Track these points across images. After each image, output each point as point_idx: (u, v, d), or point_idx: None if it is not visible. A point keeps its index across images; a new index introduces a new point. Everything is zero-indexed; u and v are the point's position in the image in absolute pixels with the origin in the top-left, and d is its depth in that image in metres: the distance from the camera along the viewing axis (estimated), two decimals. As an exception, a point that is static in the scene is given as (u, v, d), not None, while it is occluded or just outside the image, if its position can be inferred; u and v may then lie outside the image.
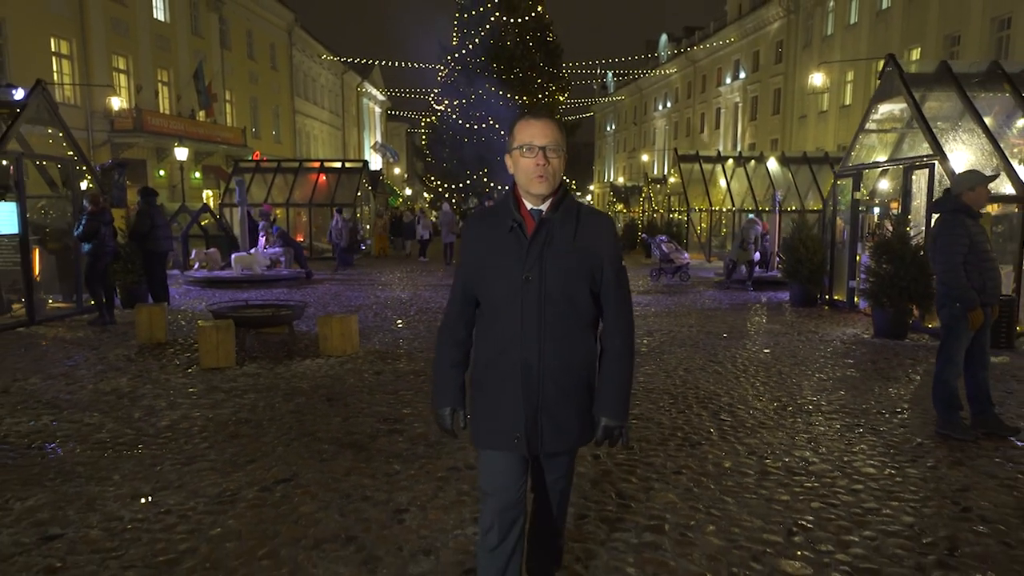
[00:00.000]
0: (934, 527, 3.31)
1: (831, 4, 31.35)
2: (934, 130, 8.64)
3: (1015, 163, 8.21)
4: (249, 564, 2.93)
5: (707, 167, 21.08)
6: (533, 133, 2.08)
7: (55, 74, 21.50)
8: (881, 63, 9.99)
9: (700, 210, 21.04)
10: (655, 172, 44.53)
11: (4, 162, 8.80)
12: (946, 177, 8.13)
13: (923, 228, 8.36)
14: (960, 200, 4.49)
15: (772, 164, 19.98)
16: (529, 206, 2.14)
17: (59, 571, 2.88)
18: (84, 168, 9.76)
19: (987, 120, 8.70)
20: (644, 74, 52.95)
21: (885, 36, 27.32)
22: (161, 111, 25.96)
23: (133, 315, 8.11)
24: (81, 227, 8.43)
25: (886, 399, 5.61)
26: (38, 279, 9.42)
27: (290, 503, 3.53)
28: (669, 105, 50.98)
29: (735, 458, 4.22)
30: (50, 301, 9.84)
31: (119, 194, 12.13)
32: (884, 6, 27.65)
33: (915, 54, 25.92)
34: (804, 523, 3.34)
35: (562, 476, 2.39)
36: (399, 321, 9.43)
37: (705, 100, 44.46)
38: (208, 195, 28.92)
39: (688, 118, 47.23)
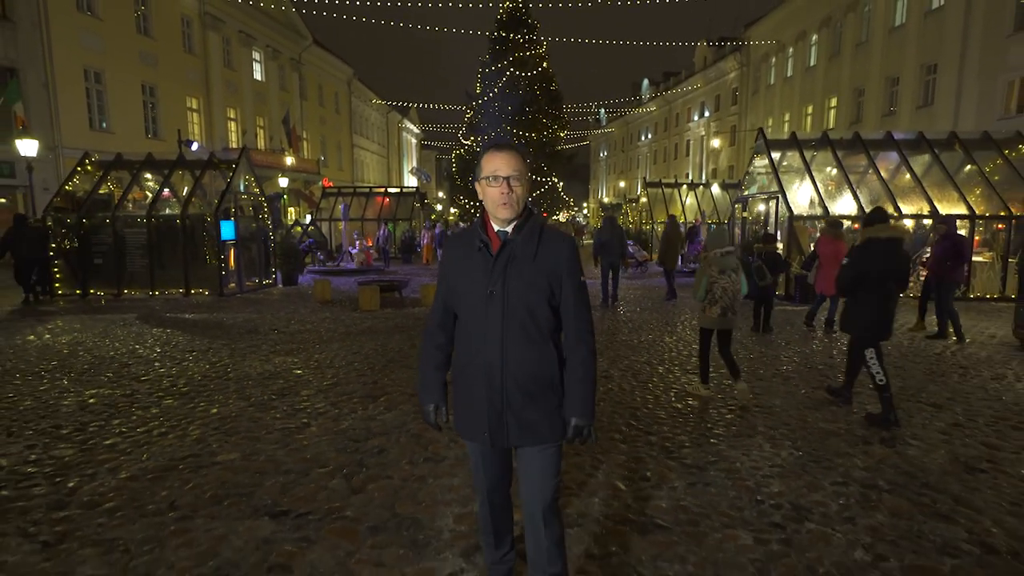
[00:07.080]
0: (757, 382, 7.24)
1: (773, 60, 34.95)
2: (782, 176, 12.50)
3: (826, 199, 12.07)
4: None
5: (668, 191, 24.85)
6: (498, 165, 2.04)
7: (189, 124, 25.66)
8: (794, 118, 13.81)
9: (662, 223, 24.82)
10: (635, 193, 48.22)
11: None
12: (784, 206, 12.01)
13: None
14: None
15: (715, 189, 23.69)
16: (496, 228, 2.11)
17: (366, 360, 6.84)
18: (263, 200, 13.81)
19: (815, 171, 12.58)
20: (630, 111, 56.70)
21: (812, 87, 30.82)
22: (259, 148, 30.09)
23: (288, 289, 12.00)
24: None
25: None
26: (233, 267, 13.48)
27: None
28: (650, 136, 54.48)
29: (652, 342, 8.14)
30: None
31: (276, 217, 16.17)
32: (811, 63, 31.13)
33: (833, 101, 29.45)
34: (688, 369, 7.28)
35: (547, 474, 2.16)
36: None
37: (678, 133, 48.01)
38: (292, 212, 33.06)
39: (665, 147, 50.81)
